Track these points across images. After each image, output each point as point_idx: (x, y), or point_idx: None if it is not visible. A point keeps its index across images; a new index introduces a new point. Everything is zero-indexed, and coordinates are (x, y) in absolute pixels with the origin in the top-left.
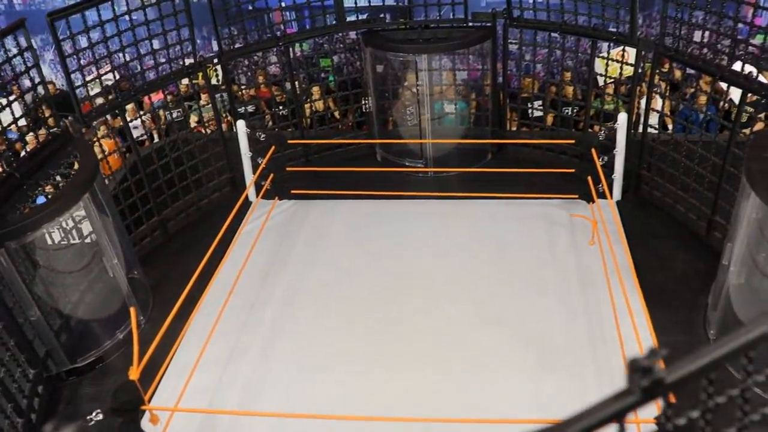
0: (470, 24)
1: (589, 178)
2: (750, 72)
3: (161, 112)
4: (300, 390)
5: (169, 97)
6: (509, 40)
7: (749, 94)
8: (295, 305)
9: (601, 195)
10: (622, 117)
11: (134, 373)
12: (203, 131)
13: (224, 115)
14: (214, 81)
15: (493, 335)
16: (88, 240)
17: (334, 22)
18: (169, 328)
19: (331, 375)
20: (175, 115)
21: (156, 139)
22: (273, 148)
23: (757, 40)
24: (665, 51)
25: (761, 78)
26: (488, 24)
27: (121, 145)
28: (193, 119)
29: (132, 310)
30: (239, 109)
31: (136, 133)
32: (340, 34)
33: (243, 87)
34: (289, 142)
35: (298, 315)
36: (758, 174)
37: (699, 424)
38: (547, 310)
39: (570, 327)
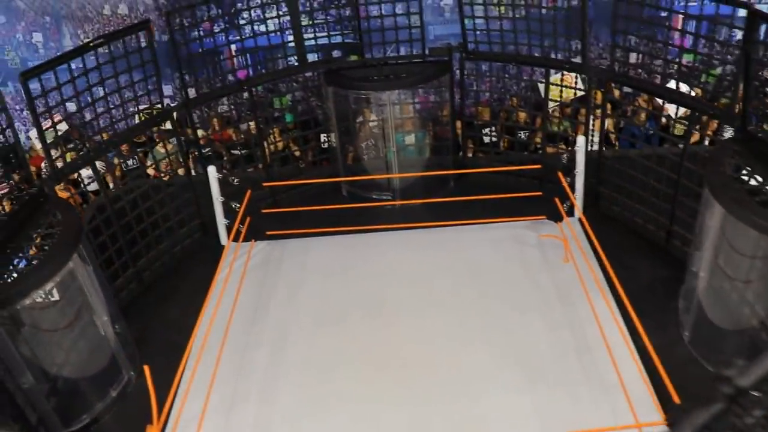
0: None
1: (557, 198)
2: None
3: (115, 160)
4: (307, 427)
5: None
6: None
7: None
8: (287, 345)
9: (566, 213)
10: (581, 140)
11: (155, 430)
12: (161, 177)
13: (188, 160)
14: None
15: (482, 354)
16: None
17: (295, 63)
18: (161, 380)
19: (334, 411)
20: (130, 163)
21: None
22: (249, 191)
23: (686, 59)
24: (614, 76)
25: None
26: (445, 59)
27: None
28: (152, 167)
29: (146, 368)
30: (206, 153)
31: (92, 186)
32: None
33: (205, 132)
34: (264, 184)
35: (291, 354)
36: (719, 186)
37: None
38: (529, 325)
39: (554, 339)
